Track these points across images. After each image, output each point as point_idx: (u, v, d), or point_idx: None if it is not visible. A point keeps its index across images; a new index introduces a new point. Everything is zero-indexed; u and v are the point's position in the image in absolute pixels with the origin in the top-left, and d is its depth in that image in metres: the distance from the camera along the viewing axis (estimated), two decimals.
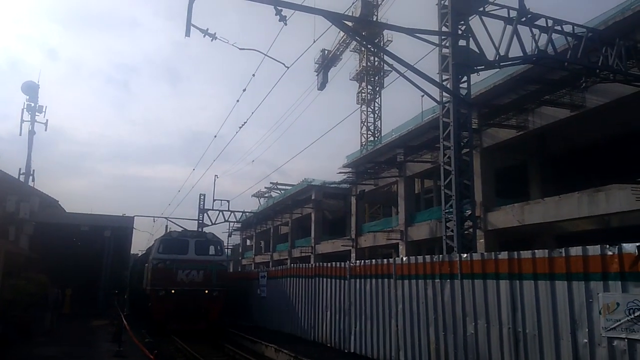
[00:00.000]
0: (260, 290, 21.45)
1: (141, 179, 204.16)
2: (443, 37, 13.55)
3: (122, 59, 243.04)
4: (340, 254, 36.95)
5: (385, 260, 13.05)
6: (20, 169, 28.81)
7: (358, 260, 17.68)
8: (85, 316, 23.44)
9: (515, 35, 12.98)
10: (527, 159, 25.29)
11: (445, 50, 13.51)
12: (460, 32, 13.39)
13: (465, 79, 13.52)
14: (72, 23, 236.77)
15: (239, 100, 20.87)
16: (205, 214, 41.01)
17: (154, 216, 68.01)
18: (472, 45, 13.34)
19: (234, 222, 45.81)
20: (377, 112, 48.74)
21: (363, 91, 49.06)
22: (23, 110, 29.26)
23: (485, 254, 9.97)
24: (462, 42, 13.39)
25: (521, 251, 8.97)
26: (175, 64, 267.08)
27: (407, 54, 13.92)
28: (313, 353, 13.52)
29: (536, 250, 8.66)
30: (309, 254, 42.55)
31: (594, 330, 7.39)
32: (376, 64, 47.48)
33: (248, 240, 71.29)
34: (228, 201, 41.65)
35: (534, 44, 13.36)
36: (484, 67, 13.69)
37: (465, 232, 13.11)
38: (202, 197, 41.57)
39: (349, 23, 14.87)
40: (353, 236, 35.52)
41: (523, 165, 25.54)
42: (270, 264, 52.07)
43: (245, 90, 19.49)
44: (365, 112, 48.56)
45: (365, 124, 48.38)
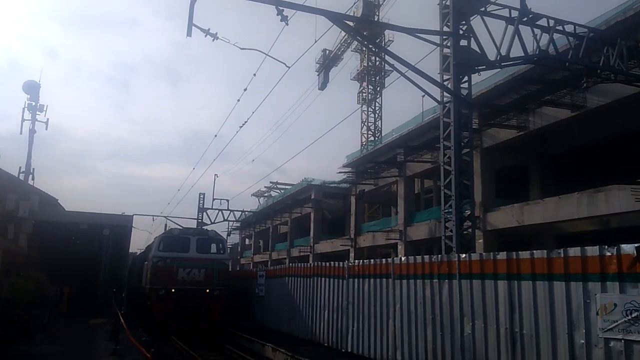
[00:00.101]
0: (259, 289, 21.43)
1: (141, 178, 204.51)
2: (444, 37, 13.52)
3: (122, 59, 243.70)
4: (339, 254, 36.90)
5: (383, 260, 13.04)
6: (20, 167, 28.92)
7: (357, 260, 17.64)
8: (84, 314, 23.42)
9: (516, 35, 12.94)
10: (528, 159, 25.24)
11: (446, 50, 13.48)
12: (461, 32, 13.36)
13: (466, 79, 13.48)
14: (72, 22, 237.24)
15: (239, 100, 20.87)
16: (204, 213, 41.05)
17: (153, 215, 67.73)
18: (473, 45, 13.29)
19: (234, 221, 45.86)
20: (378, 112, 48.72)
21: (364, 91, 49.02)
22: (24, 109, 29.34)
23: (484, 254, 9.95)
24: (464, 42, 13.36)
25: (520, 252, 8.94)
26: (175, 63, 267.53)
27: (408, 54, 13.88)
28: (310, 352, 13.49)
29: (535, 251, 8.64)
30: (308, 254, 42.52)
31: (591, 331, 7.36)
32: (377, 63, 47.44)
33: (247, 240, 71.27)
34: (227, 200, 41.71)
35: (535, 43, 13.33)
36: (485, 67, 13.66)
37: (465, 232, 13.08)
38: (202, 196, 41.64)
39: (350, 23, 14.86)
40: (352, 236, 35.50)
41: (523, 166, 25.49)
42: (269, 263, 52.05)
43: (246, 89, 19.46)
44: (365, 112, 48.53)
45: (366, 123, 48.35)
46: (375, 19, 41.16)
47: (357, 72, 49.48)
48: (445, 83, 13.43)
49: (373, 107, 48.78)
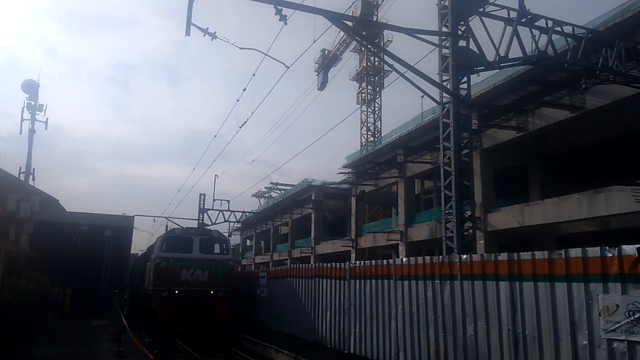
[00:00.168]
0: (260, 290, 21.44)
1: (141, 178, 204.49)
2: (443, 38, 13.56)
3: (122, 58, 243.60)
4: (340, 255, 36.95)
5: (385, 261, 13.05)
6: (20, 167, 28.79)
7: (358, 261, 17.68)
8: (85, 316, 23.43)
9: (515, 36, 12.98)
10: (527, 160, 25.30)
11: (445, 50, 13.52)
12: (460, 33, 13.40)
13: (465, 79, 13.53)
14: (72, 21, 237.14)
15: (239, 100, 20.92)
16: (205, 214, 41.03)
17: (154, 216, 67.89)
18: (472, 46, 13.35)
19: (234, 222, 45.80)
20: (377, 113, 48.75)
21: (363, 91, 49.05)
22: (23, 108, 29.22)
23: (485, 255, 9.97)
24: (462, 43, 13.41)
25: (521, 252, 8.97)
26: (174, 63, 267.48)
27: (407, 54, 13.92)
28: (312, 354, 13.52)
29: (536, 252, 8.66)
30: (309, 255, 42.55)
31: (593, 332, 7.39)
32: (376, 64, 47.47)
33: (248, 241, 71.31)
34: (228, 201, 41.67)
35: (533, 44, 13.36)
36: (484, 68, 13.69)
37: (465, 233, 13.12)
38: (202, 197, 41.62)
39: (349, 23, 14.89)
40: (353, 237, 35.53)
41: (523, 167, 25.54)
42: (270, 264, 52.06)
43: (245, 89, 19.50)
44: (365, 113, 48.57)
45: (365, 124, 48.39)
46: (374, 19, 41.20)
47: (356, 73, 49.52)
48: (444, 84, 13.47)
49: (372, 108, 48.82)
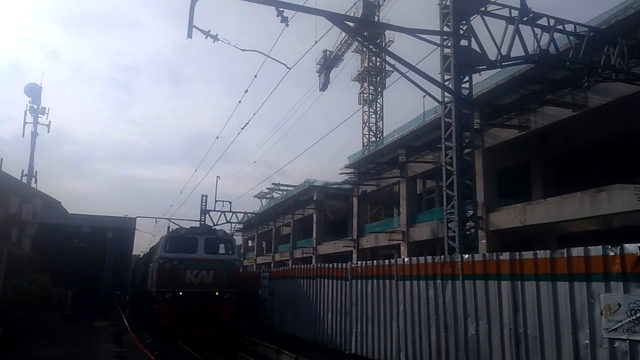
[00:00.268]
0: (262, 291, 21.43)
1: (143, 179, 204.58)
2: (444, 37, 13.53)
3: (123, 60, 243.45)
4: (342, 255, 36.92)
5: (386, 261, 13.03)
6: (22, 170, 28.79)
7: (359, 261, 17.64)
8: (87, 317, 23.44)
9: (517, 35, 12.93)
10: (529, 159, 25.23)
11: (446, 50, 13.49)
12: (461, 32, 13.37)
13: (467, 79, 13.50)
14: (73, 24, 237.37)
15: (240, 101, 20.93)
16: (207, 215, 41.03)
17: (156, 217, 67.60)
18: (474, 45, 13.30)
19: (236, 223, 45.82)
20: (379, 113, 48.72)
21: (365, 92, 49.03)
22: (26, 112, 29.27)
23: (487, 254, 9.95)
24: (464, 42, 13.37)
25: (523, 252, 8.94)
26: (176, 65, 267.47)
27: (409, 54, 13.89)
28: (314, 354, 13.50)
29: (538, 251, 8.64)
30: (311, 255, 42.53)
31: (595, 331, 7.36)
32: (378, 64, 47.44)
33: (250, 241, 71.34)
34: (230, 202, 41.65)
35: (535, 43, 13.33)
36: (485, 67, 13.66)
37: (467, 233, 13.08)
38: (204, 198, 41.58)
39: (350, 24, 14.86)
40: (355, 237, 35.49)
41: (525, 166, 25.47)
42: (271, 264, 52.07)
43: (247, 91, 19.50)
44: (367, 113, 48.54)
45: (367, 124, 48.36)
46: (376, 20, 41.17)
47: (358, 73, 49.50)
48: (446, 83, 13.44)
49: (374, 108, 48.79)
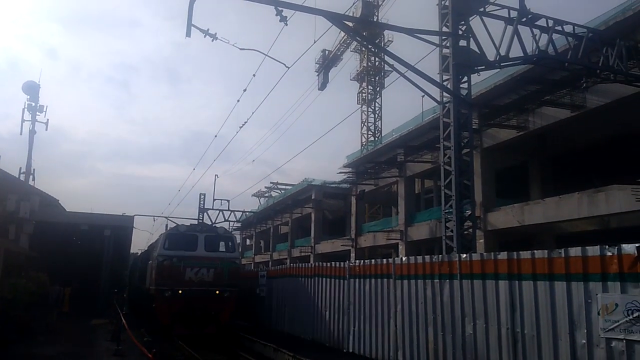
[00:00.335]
0: (260, 289, 21.43)
1: (141, 178, 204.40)
2: (443, 38, 13.55)
3: (122, 59, 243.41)
4: (340, 254, 36.93)
5: (384, 260, 13.05)
6: (20, 168, 28.81)
7: (357, 260, 17.67)
8: (85, 315, 23.43)
9: (515, 36, 12.96)
10: (528, 159, 25.28)
11: (445, 50, 13.51)
12: (460, 33, 13.39)
13: (465, 79, 13.52)
14: (72, 22, 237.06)
15: (239, 100, 20.91)
16: (205, 214, 40.98)
17: (154, 215, 67.60)
18: (473, 46, 13.33)
19: (234, 222, 45.74)
20: (378, 112, 48.75)
21: (364, 91, 49.05)
22: (24, 109, 29.25)
23: (485, 254, 9.97)
24: (463, 43, 13.40)
25: (520, 251, 8.96)
26: (175, 64, 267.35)
27: (408, 54, 13.91)
28: (311, 353, 13.51)
29: (535, 251, 8.66)
30: (309, 254, 42.55)
31: (592, 331, 7.38)
32: (377, 64, 47.46)
33: (248, 240, 71.34)
34: (228, 201, 41.52)
35: (534, 44, 13.34)
36: (484, 68, 13.68)
37: (465, 233, 13.11)
38: (202, 197, 41.55)
39: (349, 23, 14.86)
40: (353, 236, 35.52)
41: (523, 166, 25.53)
42: (269, 263, 52.08)
43: (245, 90, 19.48)
44: (365, 112, 48.56)
45: (366, 124, 48.39)
46: (375, 19, 41.18)
47: (357, 73, 49.51)
48: (444, 83, 13.46)
49: (373, 108, 48.82)
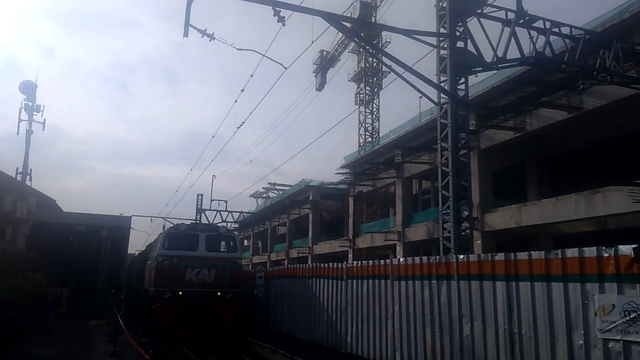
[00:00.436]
0: (258, 290, 21.41)
1: (138, 178, 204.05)
2: (441, 39, 13.57)
3: (119, 59, 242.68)
4: (338, 255, 36.97)
5: (382, 261, 13.06)
6: (17, 168, 28.64)
7: (355, 261, 17.68)
8: (82, 316, 23.37)
9: (513, 37, 12.99)
10: (525, 160, 25.36)
11: (443, 51, 13.53)
12: (458, 34, 13.40)
13: (463, 80, 13.53)
14: (69, 22, 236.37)
15: (237, 101, 20.96)
16: (202, 214, 40.96)
17: (152, 216, 67.21)
18: (470, 47, 13.34)
19: (232, 223, 45.72)
20: (375, 113, 48.85)
21: (361, 92, 49.13)
22: (21, 109, 29.12)
23: (482, 255, 9.98)
24: (460, 44, 13.40)
25: (518, 252, 8.98)
26: (172, 64, 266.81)
27: (406, 55, 13.97)
28: (309, 354, 13.52)
29: (533, 252, 8.67)
30: (307, 255, 42.58)
31: (589, 332, 7.40)
32: (374, 65, 47.55)
33: (245, 241, 71.29)
34: (226, 201, 41.49)
35: (531, 45, 13.38)
36: (481, 69, 13.71)
37: (462, 233, 13.12)
38: (200, 197, 41.51)
39: (347, 24, 14.88)
40: (350, 237, 35.52)
41: (520, 167, 25.61)
42: (267, 264, 52.07)
43: (243, 90, 19.51)
44: (363, 113, 48.66)
45: (364, 124, 48.46)
46: (372, 20, 41.25)
47: (355, 73, 49.59)
48: (442, 84, 13.47)
49: (370, 108, 48.91)
